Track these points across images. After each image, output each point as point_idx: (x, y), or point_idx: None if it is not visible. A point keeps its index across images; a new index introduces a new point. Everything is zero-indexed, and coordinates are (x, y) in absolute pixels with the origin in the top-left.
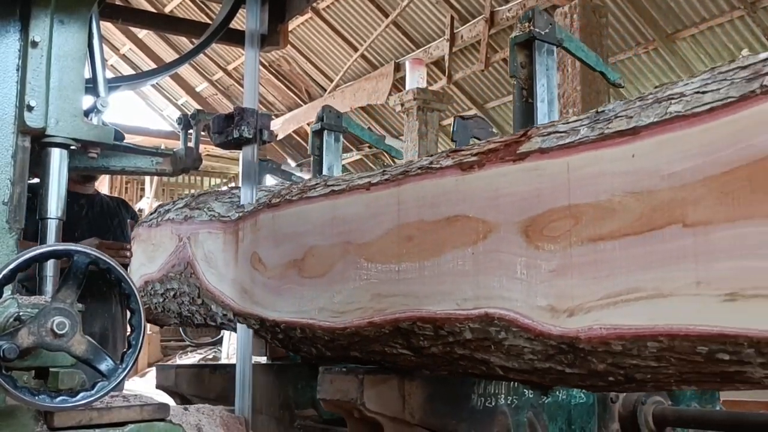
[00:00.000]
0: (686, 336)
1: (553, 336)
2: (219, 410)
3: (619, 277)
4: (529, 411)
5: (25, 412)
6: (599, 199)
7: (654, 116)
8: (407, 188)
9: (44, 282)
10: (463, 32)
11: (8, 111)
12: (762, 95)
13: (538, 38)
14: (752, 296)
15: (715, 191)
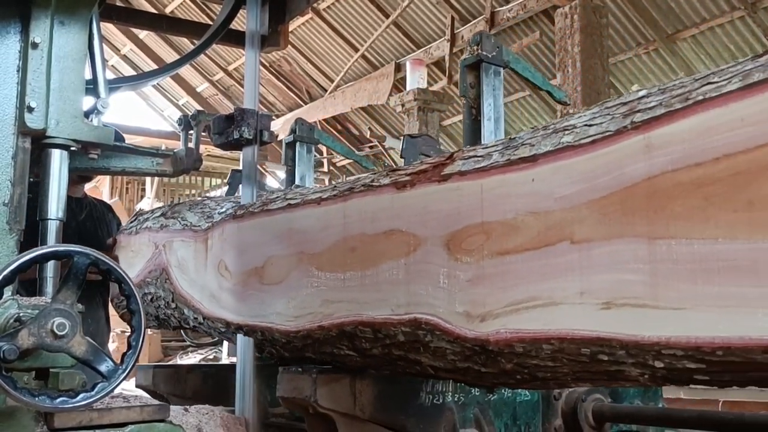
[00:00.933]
0: (572, 339)
1: (468, 339)
2: (219, 411)
3: (521, 286)
4: (476, 408)
5: (25, 413)
6: (506, 218)
7: (550, 145)
8: (352, 203)
9: (44, 283)
10: (463, 33)
11: (8, 112)
12: (632, 130)
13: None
14: (622, 305)
15: (596, 213)
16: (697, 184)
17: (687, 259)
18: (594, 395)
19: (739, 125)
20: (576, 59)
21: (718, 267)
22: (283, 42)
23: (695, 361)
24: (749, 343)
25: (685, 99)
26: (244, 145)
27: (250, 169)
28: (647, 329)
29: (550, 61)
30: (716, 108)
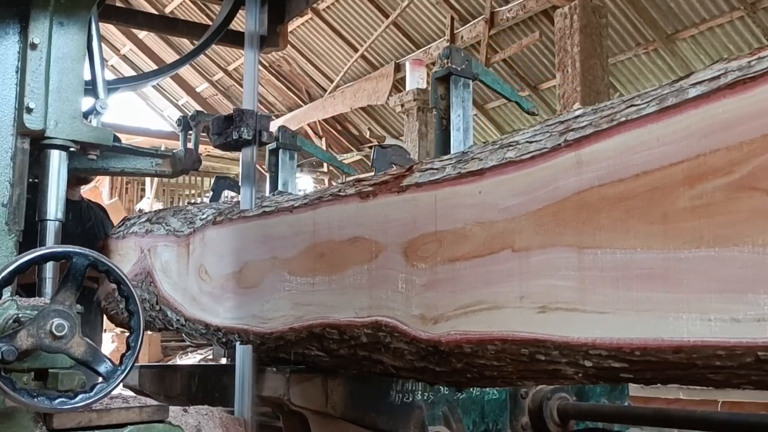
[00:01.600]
0: (513, 340)
1: (422, 340)
2: (218, 411)
3: (469, 291)
4: (444, 406)
5: (24, 414)
6: (456, 227)
7: (496, 160)
8: (321, 212)
9: (43, 284)
10: (463, 33)
11: (7, 113)
12: (565, 147)
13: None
14: (555, 309)
15: (533, 223)
16: (619, 198)
17: (610, 267)
18: (559, 394)
19: (655, 144)
20: (575, 59)
21: (637, 274)
22: (282, 42)
23: (618, 360)
24: (662, 344)
25: (611, 120)
26: (243, 145)
27: (249, 170)
28: (576, 331)
29: (550, 61)
30: (636, 129)
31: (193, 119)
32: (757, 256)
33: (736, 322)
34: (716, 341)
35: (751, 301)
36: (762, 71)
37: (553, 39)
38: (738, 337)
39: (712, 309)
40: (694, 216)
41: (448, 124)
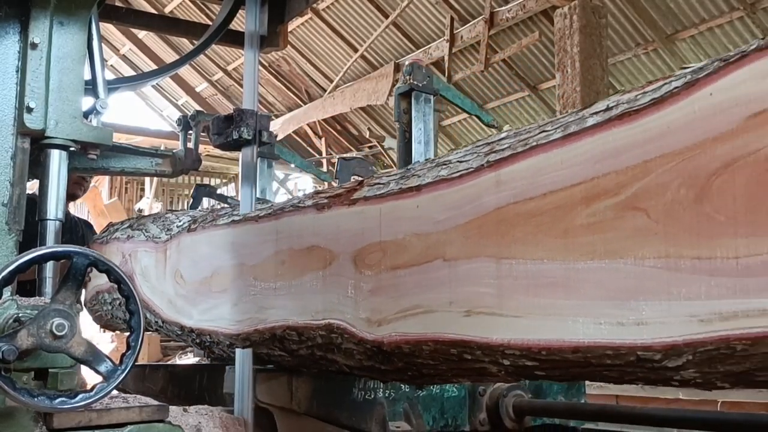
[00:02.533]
0: (443, 341)
1: (368, 341)
2: (218, 411)
3: (408, 296)
4: (405, 403)
5: (24, 414)
6: (398, 238)
7: (431, 177)
8: (283, 221)
9: (43, 283)
10: (462, 33)
11: (8, 112)
12: (488, 168)
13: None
14: (478, 313)
15: (461, 236)
16: (531, 214)
17: (523, 276)
18: (515, 392)
19: (560, 167)
20: (575, 59)
21: (543, 283)
22: (282, 42)
23: (530, 359)
24: (563, 345)
25: (525, 143)
26: (243, 145)
27: (249, 170)
28: (495, 333)
29: (549, 61)
30: (544, 152)
31: (193, 119)
32: (637, 268)
33: (621, 326)
34: (605, 342)
35: (633, 307)
36: (644, 104)
37: (552, 39)
38: (622, 339)
39: (603, 314)
40: (589, 232)
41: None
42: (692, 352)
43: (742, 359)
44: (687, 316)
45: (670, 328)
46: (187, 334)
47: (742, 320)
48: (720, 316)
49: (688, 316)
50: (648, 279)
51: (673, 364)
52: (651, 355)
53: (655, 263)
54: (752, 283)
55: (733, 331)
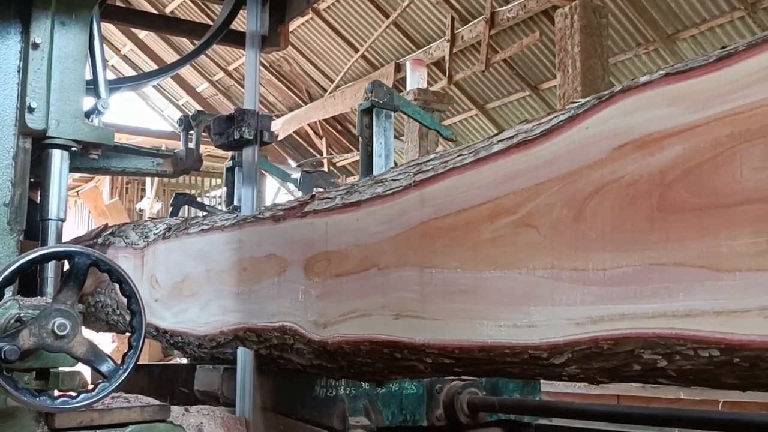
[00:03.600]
0: (377, 342)
1: (315, 342)
2: (220, 411)
3: (348, 301)
4: (365, 399)
5: (26, 413)
6: (341, 248)
7: (369, 194)
8: (245, 231)
9: (45, 283)
10: (463, 33)
11: (9, 112)
12: (414, 187)
13: (377, 106)
14: (405, 316)
15: (392, 247)
16: (448, 228)
17: (441, 283)
18: (470, 389)
19: (470, 188)
20: (576, 59)
21: (457, 290)
22: (283, 42)
23: (447, 357)
24: (472, 345)
25: (445, 165)
26: (244, 145)
27: (251, 170)
28: (418, 334)
29: (550, 61)
30: (460, 174)
31: (195, 119)
32: (529, 277)
33: (516, 328)
34: (504, 343)
35: (525, 311)
36: (537, 135)
37: (553, 39)
38: (517, 340)
39: (502, 318)
40: (492, 245)
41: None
42: (571, 351)
43: (609, 357)
44: (566, 320)
45: (553, 330)
46: (162, 335)
47: (607, 323)
48: (591, 319)
49: (567, 319)
50: (537, 287)
51: (557, 361)
52: (539, 354)
53: (543, 273)
54: (615, 292)
55: (600, 332)
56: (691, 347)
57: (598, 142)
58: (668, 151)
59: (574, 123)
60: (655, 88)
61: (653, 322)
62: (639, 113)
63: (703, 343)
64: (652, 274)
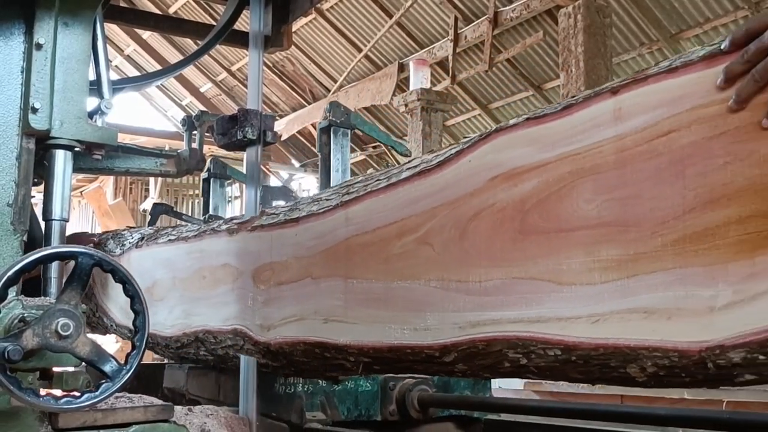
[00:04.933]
0: (310, 343)
1: (261, 343)
2: (223, 411)
3: (289, 307)
4: (322, 396)
5: (29, 414)
6: (283, 259)
7: (306, 212)
8: (205, 242)
9: (48, 283)
10: (466, 32)
11: (13, 113)
12: (340, 206)
13: (334, 125)
14: (332, 320)
15: (323, 259)
16: (366, 244)
17: (360, 291)
18: (420, 386)
19: (383, 209)
20: (579, 59)
21: (372, 297)
22: (286, 42)
23: (365, 357)
24: (383, 346)
25: (365, 188)
26: (247, 145)
27: (254, 170)
28: (342, 336)
29: (554, 60)
30: (376, 196)
31: (198, 119)
32: (426, 287)
33: (415, 331)
34: (407, 344)
35: (422, 317)
36: (434, 164)
37: (556, 39)
38: (416, 341)
39: (406, 322)
40: (400, 260)
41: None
42: (456, 351)
43: (485, 356)
44: (452, 324)
45: (442, 333)
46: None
47: (481, 327)
48: (470, 324)
49: (453, 324)
50: (431, 296)
51: (447, 360)
52: (433, 353)
53: (436, 284)
54: (487, 301)
55: (477, 335)
56: (541, 347)
57: (478, 173)
58: (527, 183)
59: (461, 156)
60: (519, 130)
61: (514, 326)
62: (507, 150)
63: (549, 344)
64: (514, 286)
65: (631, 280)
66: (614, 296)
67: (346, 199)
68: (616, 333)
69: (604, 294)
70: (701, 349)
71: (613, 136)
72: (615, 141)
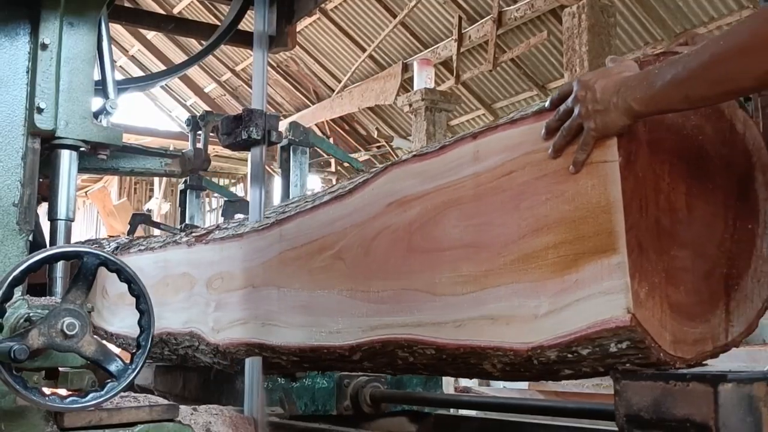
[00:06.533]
0: (250, 344)
1: (212, 344)
2: (228, 410)
3: (234, 312)
4: (281, 392)
5: (35, 413)
6: (230, 269)
7: (250, 228)
8: (168, 252)
9: (54, 283)
10: (470, 32)
11: (18, 113)
12: (276, 224)
13: (293, 144)
14: (269, 324)
15: (262, 270)
16: (295, 258)
17: (290, 299)
18: (372, 383)
19: (309, 228)
20: (584, 58)
21: (299, 304)
22: (290, 42)
23: (294, 356)
24: (305, 347)
25: (296, 209)
26: (252, 145)
27: (258, 170)
28: (275, 338)
29: (558, 60)
30: (303, 217)
31: (203, 119)
32: (339, 296)
33: (330, 333)
34: (323, 345)
35: (335, 321)
36: (348, 190)
37: (561, 38)
38: (330, 342)
39: (323, 326)
40: (321, 272)
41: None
42: (361, 351)
43: (382, 355)
44: (358, 328)
45: (350, 335)
46: (110, 337)
47: (378, 330)
48: (370, 327)
49: (358, 327)
50: (342, 303)
51: (355, 358)
52: (343, 353)
53: (346, 294)
54: (384, 308)
55: (375, 337)
56: (420, 348)
57: (378, 200)
58: (413, 210)
59: (366, 185)
60: (408, 165)
61: (402, 330)
62: (399, 181)
63: (426, 345)
64: (403, 295)
65: (482, 292)
66: (470, 305)
67: (281, 218)
68: (472, 336)
69: (463, 304)
70: (528, 349)
71: (472, 173)
72: (474, 177)
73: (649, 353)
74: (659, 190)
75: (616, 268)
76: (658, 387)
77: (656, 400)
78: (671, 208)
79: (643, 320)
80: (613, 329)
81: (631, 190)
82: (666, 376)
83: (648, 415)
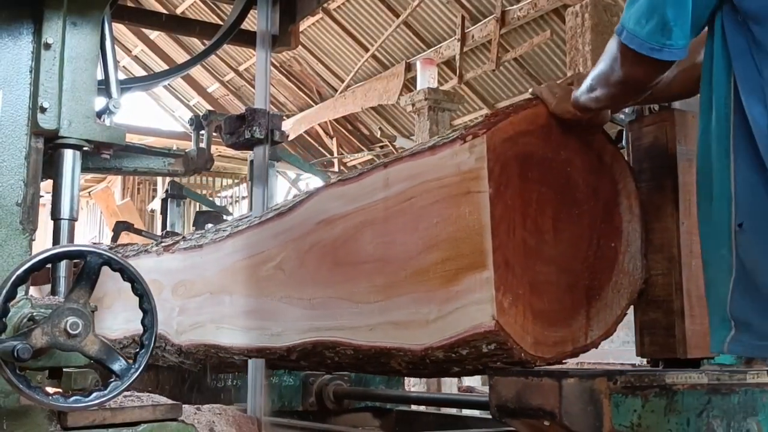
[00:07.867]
0: (207, 345)
1: (176, 344)
2: (231, 410)
3: (194, 316)
4: None
5: (38, 412)
6: (191, 277)
7: (209, 240)
8: (141, 261)
9: (57, 282)
10: (474, 32)
11: (21, 113)
12: (229, 237)
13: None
14: (223, 327)
15: (219, 279)
16: (245, 268)
17: (241, 304)
18: (335, 381)
19: (257, 241)
20: (587, 58)
21: (249, 309)
22: (293, 42)
23: (243, 356)
24: (252, 347)
25: (247, 223)
26: (255, 144)
27: (261, 169)
28: (227, 339)
29: (561, 60)
30: (252, 230)
31: (206, 119)
32: (279, 303)
33: (272, 336)
34: (267, 346)
35: (275, 324)
36: (287, 209)
37: (564, 38)
38: (272, 344)
39: (266, 329)
40: (265, 280)
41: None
42: (296, 351)
43: (314, 355)
44: (293, 331)
45: (287, 338)
46: None
47: (310, 333)
48: (303, 330)
49: (294, 330)
50: (281, 309)
51: (293, 358)
52: (283, 353)
53: (285, 300)
54: (315, 313)
55: (308, 339)
56: (342, 348)
57: (311, 218)
58: (338, 228)
59: (303, 203)
60: (335, 188)
61: (327, 333)
62: (328, 202)
63: (345, 346)
64: (329, 303)
65: (388, 301)
66: (380, 312)
67: (234, 231)
68: (380, 338)
69: (375, 310)
70: (422, 350)
71: (383, 198)
72: (384, 201)
73: (512, 353)
74: (527, 215)
75: (485, 281)
76: (520, 382)
77: (518, 392)
78: (538, 229)
79: (505, 325)
80: (482, 333)
81: (499, 216)
82: (526, 372)
83: (513, 405)
